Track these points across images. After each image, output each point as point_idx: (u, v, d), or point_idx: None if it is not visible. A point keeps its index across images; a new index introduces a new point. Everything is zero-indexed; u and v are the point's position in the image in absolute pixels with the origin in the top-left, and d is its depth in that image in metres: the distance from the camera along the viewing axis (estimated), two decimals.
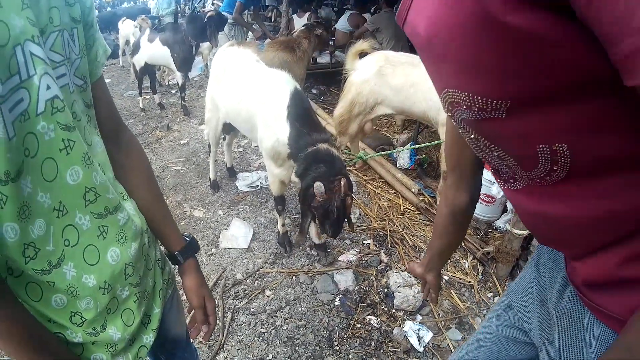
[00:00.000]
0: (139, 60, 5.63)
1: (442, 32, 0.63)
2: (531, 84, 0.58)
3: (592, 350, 0.80)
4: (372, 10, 8.03)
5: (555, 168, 0.67)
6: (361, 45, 3.74)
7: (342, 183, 2.15)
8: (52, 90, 0.69)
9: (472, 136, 0.77)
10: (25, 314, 0.73)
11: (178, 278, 1.16)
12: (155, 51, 5.43)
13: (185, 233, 1.14)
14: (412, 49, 5.93)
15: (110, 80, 8.21)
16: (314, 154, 2.29)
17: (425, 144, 3.27)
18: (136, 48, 5.68)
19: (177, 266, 1.11)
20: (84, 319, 0.82)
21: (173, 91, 7.05)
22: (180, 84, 5.64)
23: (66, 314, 0.80)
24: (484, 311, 2.72)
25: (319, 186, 2.14)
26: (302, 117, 2.41)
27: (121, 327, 0.89)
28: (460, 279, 2.93)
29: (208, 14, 5.26)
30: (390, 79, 3.43)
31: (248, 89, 2.72)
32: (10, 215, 0.65)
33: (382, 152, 2.60)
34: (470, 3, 0.56)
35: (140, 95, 5.99)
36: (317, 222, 2.80)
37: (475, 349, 1.23)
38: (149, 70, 5.81)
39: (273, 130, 2.47)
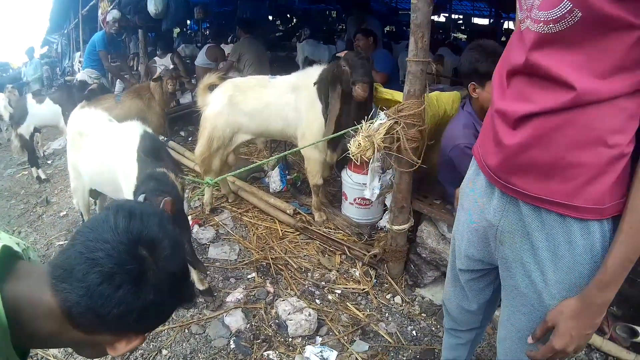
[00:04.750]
0: (28, 126, 5.47)
1: None
2: None
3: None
4: (229, 40, 7.98)
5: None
6: (208, 79, 3.65)
7: (166, 200, 2.03)
8: None
9: None
10: None
11: None
12: (47, 110, 5.42)
13: None
14: (274, 71, 5.93)
15: None
16: (149, 175, 2.24)
17: (284, 153, 3.27)
18: (21, 117, 5.49)
19: None
20: None
21: (49, 161, 6.57)
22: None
23: None
24: (386, 314, 2.68)
25: (141, 197, 2.04)
26: (150, 154, 2.40)
27: None
28: (353, 289, 2.88)
29: (91, 87, 5.33)
30: (243, 106, 3.37)
31: (105, 150, 2.69)
32: None
33: (231, 173, 2.60)
34: None
35: (39, 167, 5.67)
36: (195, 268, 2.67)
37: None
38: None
39: (131, 179, 2.34)
